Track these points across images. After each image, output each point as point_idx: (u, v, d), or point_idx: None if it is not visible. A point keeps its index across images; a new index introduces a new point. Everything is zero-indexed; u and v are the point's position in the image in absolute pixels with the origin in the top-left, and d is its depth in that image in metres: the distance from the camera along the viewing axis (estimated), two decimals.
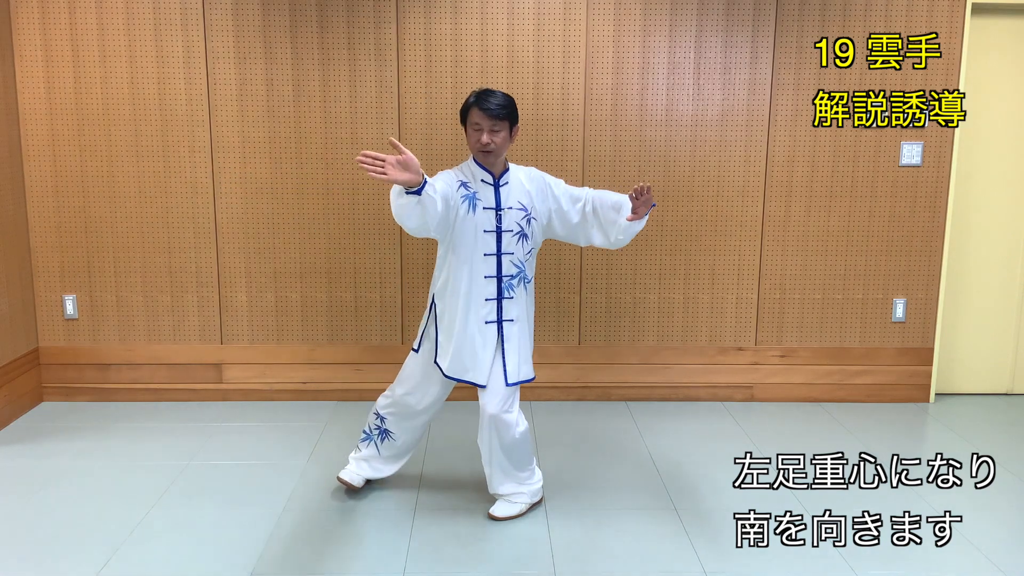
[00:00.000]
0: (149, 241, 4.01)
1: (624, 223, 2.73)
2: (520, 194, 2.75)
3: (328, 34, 3.87)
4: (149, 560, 2.62)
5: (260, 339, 4.11)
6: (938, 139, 4.01)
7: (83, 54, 3.85)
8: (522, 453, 2.87)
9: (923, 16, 3.92)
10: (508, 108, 2.66)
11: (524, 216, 2.74)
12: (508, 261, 2.73)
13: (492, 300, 2.74)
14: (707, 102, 3.97)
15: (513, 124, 2.71)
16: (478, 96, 2.65)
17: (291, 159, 3.95)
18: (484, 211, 2.69)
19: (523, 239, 2.75)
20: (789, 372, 4.20)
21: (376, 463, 3.07)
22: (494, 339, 2.77)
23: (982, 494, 3.15)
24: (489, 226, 2.70)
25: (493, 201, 2.71)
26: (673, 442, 3.64)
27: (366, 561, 2.64)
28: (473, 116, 2.66)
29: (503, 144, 2.68)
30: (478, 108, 2.63)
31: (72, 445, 3.55)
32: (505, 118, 2.65)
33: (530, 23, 3.88)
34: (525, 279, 2.80)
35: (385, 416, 2.98)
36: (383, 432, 3.00)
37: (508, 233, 2.72)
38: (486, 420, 2.79)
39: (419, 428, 3.01)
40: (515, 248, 2.73)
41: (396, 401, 2.94)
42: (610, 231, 2.79)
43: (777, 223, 4.08)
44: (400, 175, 2.39)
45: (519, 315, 2.79)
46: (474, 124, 2.66)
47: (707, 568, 2.60)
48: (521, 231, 2.74)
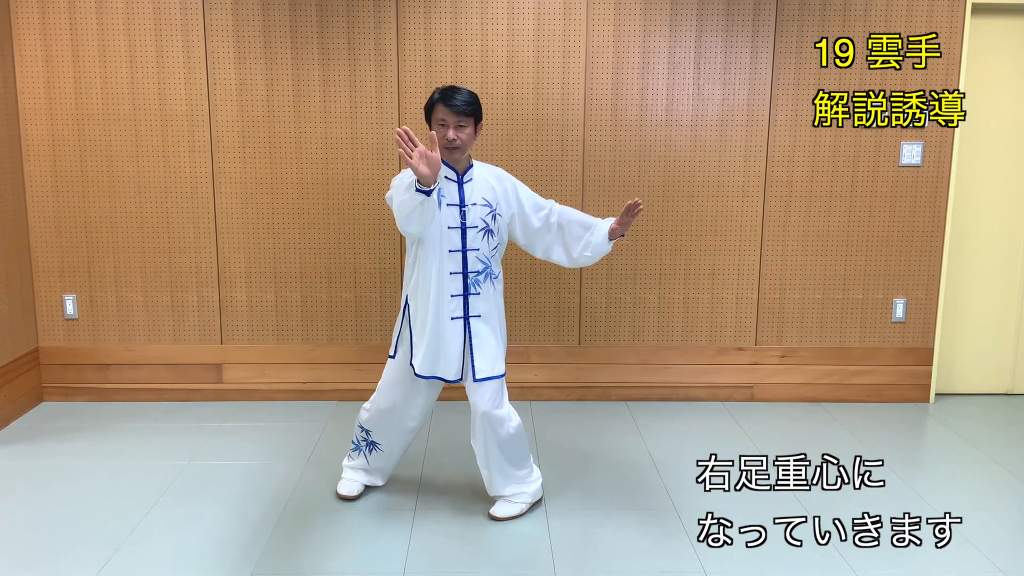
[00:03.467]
0: (149, 241, 4.01)
1: (596, 240, 2.79)
2: (484, 190, 2.76)
3: (328, 34, 3.87)
4: (149, 560, 2.62)
5: (260, 339, 4.11)
6: (938, 139, 4.01)
7: (83, 54, 3.85)
8: (519, 450, 2.87)
9: (923, 16, 3.92)
10: (473, 105, 2.69)
11: (489, 212, 2.75)
12: (473, 257, 2.74)
13: (458, 296, 2.74)
14: (707, 102, 3.97)
15: (478, 121, 2.73)
16: (443, 93, 2.67)
17: (291, 159, 3.96)
18: (448, 207, 2.71)
19: (488, 235, 2.75)
20: (789, 372, 4.20)
21: (370, 473, 3.08)
22: (461, 335, 2.77)
23: (982, 494, 3.17)
24: (453, 222, 2.71)
25: (457, 197, 2.73)
26: (673, 442, 3.64)
27: (366, 561, 2.64)
28: (438, 113, 2.67)
29: (468, 140, 2.70)
30: (443, 105, 2.65)
31: (72, 445, 3.55)
32: (470, 114, 2.68)
33: (530, 23, 3.88)
34: (492, 275, 2.79)
35: (369, 429, 2.97)
36: (370, 444, 2.99)
37: (473, 229, 2.73)
38: (478, 419, 2.80)
39: (407, 434, 2.99)
40: (480, 244, 2.74)
41: (378, 413, 2.92)
42: (574, 247, 2.84)
43: (777, 223, 4.08)
44: (422, 167, 2.43)
45: (487, 311, 2.79)
46: (439, 120, 2.67)
47: (707, 568, 2.61)
48: (486, 227, 2.75)
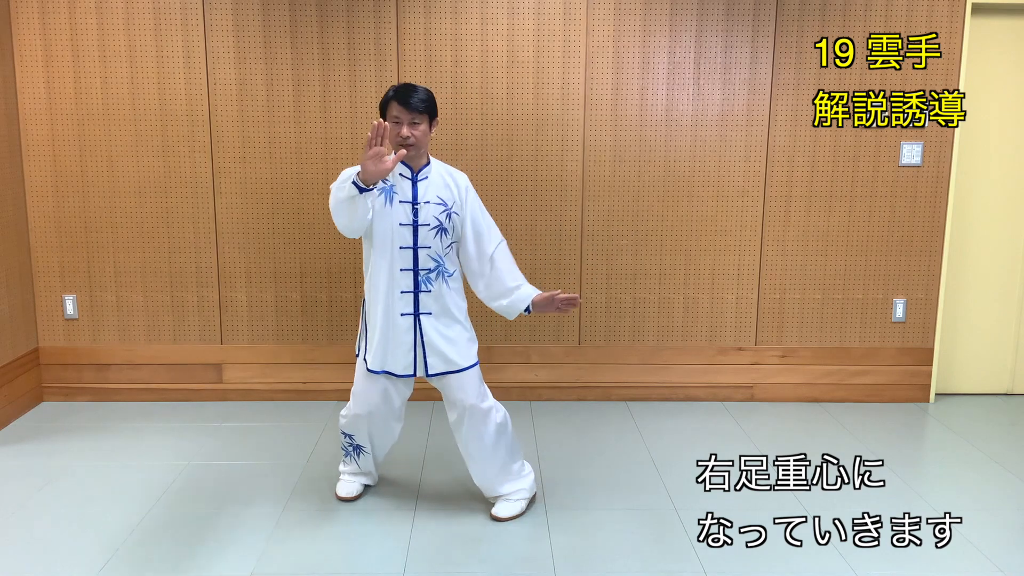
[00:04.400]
0: (149, 241, 4.01)
1: (517, 303, 2.78)
2: (440, 188, 2.75)
3: (328, 34, 3.87)
4: (149, 560, 2.62)
5: (260, 339, 4.11)
6: (938, 139, 4.01)
7: (83, 54, 3.85)
8: (510, 442, 2.89)
9: (923, 16, 3.92)
10: (427, 102, 2.69)
11: (444, 211, 2.74)
12: (424, 254, 2.74)
13: (408, 293, 2.74)
14: (707, 102, 3.97)
15: (432, 118, 2.74)
16: (397, 91, 2.67)
17: (291, 159, 3.96)
18: (400, 204, 2.71)
19: (442, 233, 2.75)
20: (789, 372, 4.20)
21: (364, 475, 3.09)
22: (411, 332, 2.77)
23: (982, 494, 3.17)
24: (405, 220, 2.72)
25: (410, 194, 2.73)
26: (673, 442, 3.64)
27: (366, 561, 2.64)
28: (392, 110, 2.68)
29: (422, 137, 2.70)
30: (397, 102, 2.66)
31: (72, 445, 3.55)
32: (424, 112, 2.68)
33: (530, 23, 3.88)
34: (445, 273, 2.78)
35: (350, 433, 2.97)
36: (356, 448, 2.99)
37: (425, 227, 2.73)
38: (465, 415, 2.81)
39: (389, 434, 2.98)
40: (432, 242, 2.74)
41: (356, 418, 2.91)
42: (494, 289, 2.81)
43: (777, 223, 4.08)
44: (369, 163, 2.48)
45: (439, 310, 2.78)
46: (394, 118, 2.68)
47: (707, 568, 2.60)
48: (440, 225, 2.74)
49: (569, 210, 4.04)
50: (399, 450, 3.51)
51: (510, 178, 4.00)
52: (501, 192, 4.00)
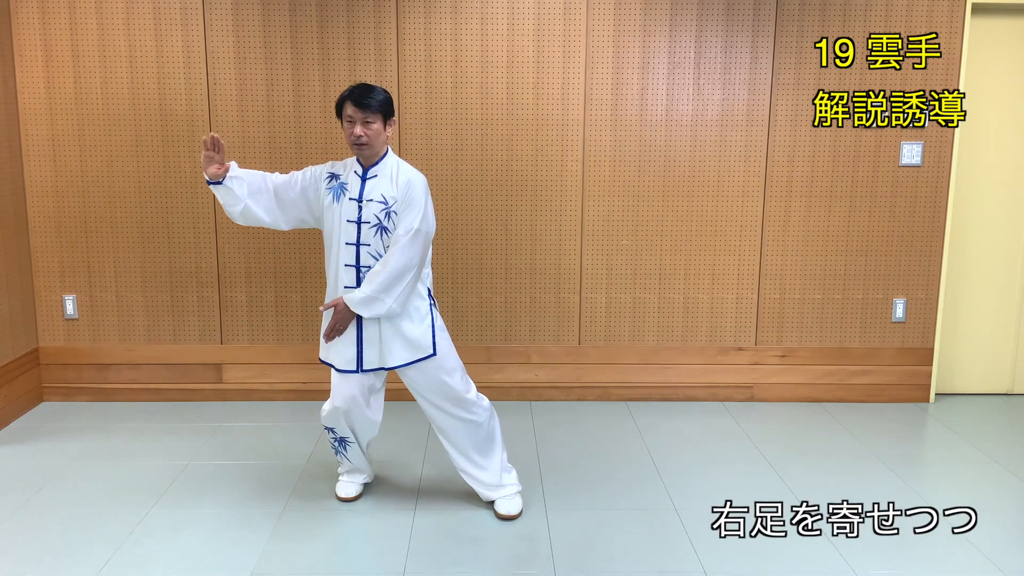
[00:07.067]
0: (149, 241, 4.01)
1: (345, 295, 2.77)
2: (385, 187, 2.75)
3: (328, 34, 3.87)
4: (149, 560, 2.62)
5: (260, 339, 4.11)
6: (938, 139, 4.01)
7: (83, 54, 3.85)
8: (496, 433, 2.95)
9: (923, 16, 3.92)
10: (382, 102, 2.72)
11: (383, 209, 2.74)
12: (365, 252, 2.76)
13: (351, 288, 2.77)
14: (707, 102, 3.97)
15: (388, 118, 2.76)
16: (352, 90, 2.71)
17: (291, 159, 3.95)
18: (349, 201, 2.75)
19: (382, 232, 2.75)
20: (789, 372, 4.20)
21: (358, 471, 3.09)
22: (353, 327, 2.78)
23: (982, 494, 3.17)
24: (352, 216, 2.75)
25: (357, 192, 2.76)
26: (673, 442, 3.64)
27: (366, 561, 2.64)
28: (347, 109, 2.71)
29: (375, 137, 2.72)
30: (351, 102, 2.70)
31: (72, 445, 3.55)
32: (378, 111, 2.71)
33: (530, 23, 3.88)
34: None
35: (331, 427, 2.96)
36: (341, 441, 2.98)
37: (366, 225, 2.75)
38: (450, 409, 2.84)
39: (370, 424, 2.96)
40: (372, 240, 2.75)
41: (334, 410, 2.90)
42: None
43: (777, 223, 4.08)
44: (205, 163, 2.70)
45: None
46: (348, 117, 2.72)
47: (707, 568, 2.60)
48: (379, 223, 2.74)
49: (569, 210, 4.04)
50: (399, 450, 3.52)
51: (510, 178, 4.00)
52: (501, 192, 4.00)
